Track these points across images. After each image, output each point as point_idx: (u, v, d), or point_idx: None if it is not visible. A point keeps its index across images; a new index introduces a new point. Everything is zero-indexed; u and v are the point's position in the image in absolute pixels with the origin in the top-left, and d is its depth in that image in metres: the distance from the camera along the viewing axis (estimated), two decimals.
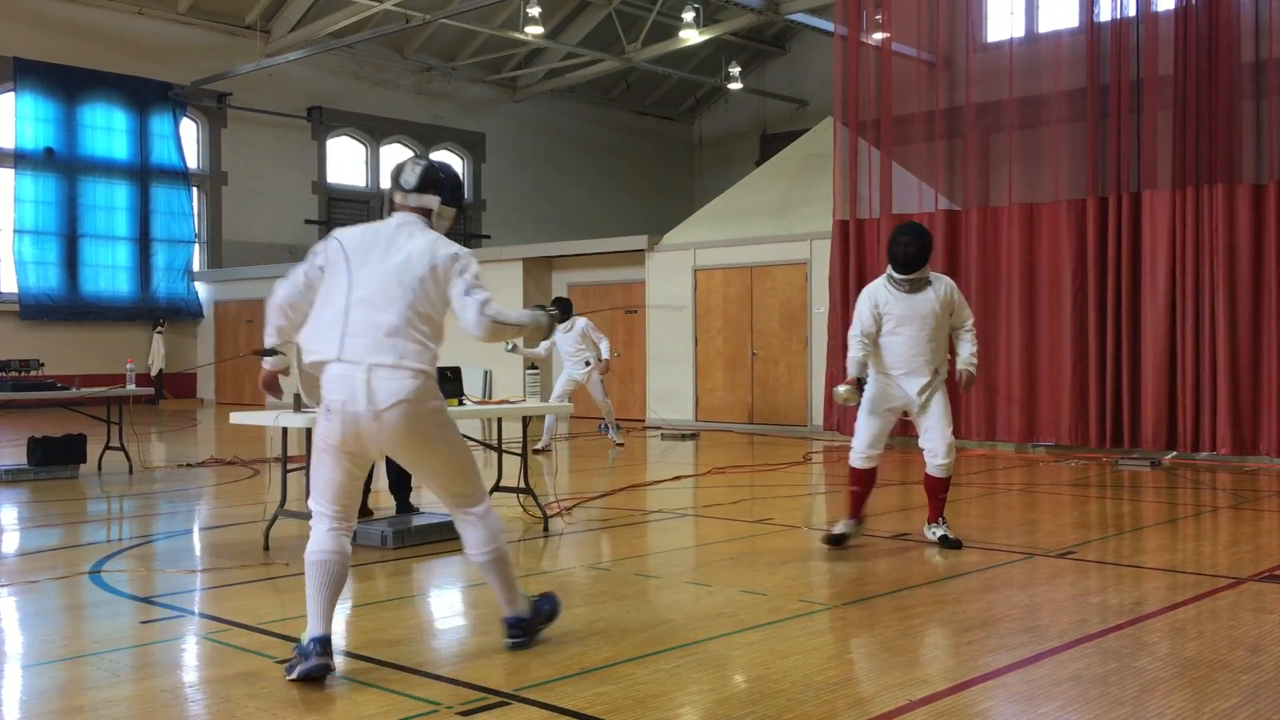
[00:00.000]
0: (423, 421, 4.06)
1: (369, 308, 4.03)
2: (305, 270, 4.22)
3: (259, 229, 24.76)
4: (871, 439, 6.61)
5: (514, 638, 4.40)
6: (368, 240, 4.18)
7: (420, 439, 4.10)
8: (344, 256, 4.14)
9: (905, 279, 6.51)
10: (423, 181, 4.30)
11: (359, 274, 4.09)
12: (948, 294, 6.58)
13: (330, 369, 4.04)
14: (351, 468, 4.13)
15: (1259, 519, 7.99)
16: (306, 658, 4.00)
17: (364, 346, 3.99)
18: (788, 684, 3.99)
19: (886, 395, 6.58)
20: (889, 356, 6.54)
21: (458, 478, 4.25)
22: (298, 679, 4.00)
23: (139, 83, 22.77)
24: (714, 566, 6.23)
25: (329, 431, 4.05)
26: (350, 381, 3.98)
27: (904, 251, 6.46)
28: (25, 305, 21.61)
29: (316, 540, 4.14)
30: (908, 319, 6.47)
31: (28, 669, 4.30)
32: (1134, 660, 4.29)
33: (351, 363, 3.99)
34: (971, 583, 5.75)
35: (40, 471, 10.16)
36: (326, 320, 4.07)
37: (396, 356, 3.99)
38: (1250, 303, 11.25)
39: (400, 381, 3.99)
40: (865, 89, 13.93)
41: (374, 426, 4.00)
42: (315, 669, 3.98)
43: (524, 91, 28.82)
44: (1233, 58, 11.46)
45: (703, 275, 16.83)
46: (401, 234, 4.20)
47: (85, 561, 6.29)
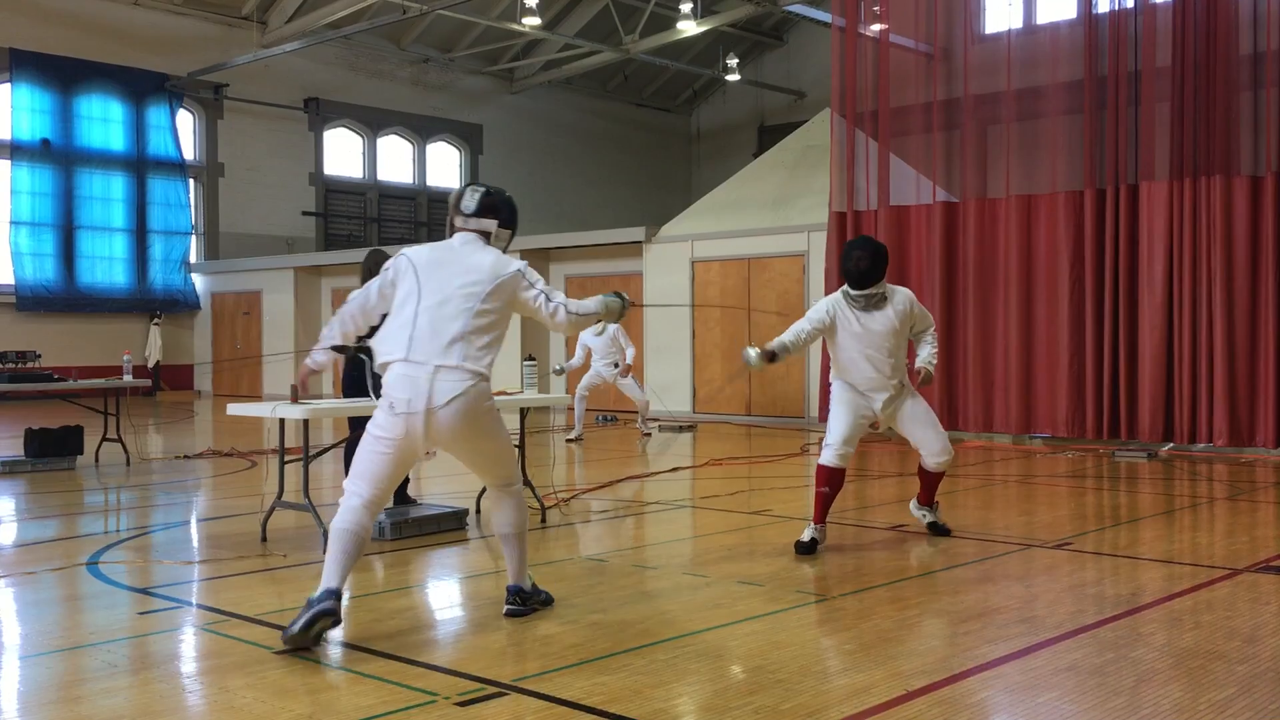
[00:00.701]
0: (478, 418, 4.49)
1: (436, 316, 4.47)
2: (379, 285, 4.66)
3: (256, 220, 24.72)
4: (846, 435, 6.32)
5: (511, 604, 4.79)
6: (435, 257, 4.62)
7: (475, 432, 4.52)
8: (414, 271, 4.57)
9: (860, 294, 6.31)
10: (481, 207, 4.71)
11: (427, 285, 4.53)
12: (906, 307, 6.40)
13: (395, 368, 4.45)
14: (401, 460, 4.53)
15: (1255, 510, 8.01)
16: (310, 606, 4.26)
17: (430, 350, 4.42)
18: (785, 674, 3.99)
19: (855, 400, 6.39)
20: (851, 374, 6.37)
21: (504, 465, 4.75)
22: (299, 632, 4.20)
23: (135, 74, 22.72)
24: (711, 558, 6.23)
25: (390, 426, 4.44)
26: (415, 381, 4.39)
27: (856, 266, 6.27)
28: (22, 297, 21.58)
29: (347, 513, 4.53)
30: (866, 338, 6.29)
31: (25, 660, 4.30)
32: (1130, 651, 4.30)
33: (418, 363, 4.41)
34: (968, 573, 5.76)
35: (37, 463, 10.15)
36: (397, 327, 4.51)
37: (459, 359, 4.43)
38: (1247, 294, 11.26)
39: (459, 382, 4.41)
40: (863, 80, 13.91)
41: (433, 421, 4.40)
42: (321, 611, 4.24)
43: (521, 83, 28.78)
44: (1230, 49, 11.45)
45: (700, 267, 16.83)
46: (466, 251, 4.64)
47: (83, 553, 6.29)
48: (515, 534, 4.82)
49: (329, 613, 4.28)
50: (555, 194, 29.24)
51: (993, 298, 12.71)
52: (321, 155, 25.89)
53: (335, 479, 8.82)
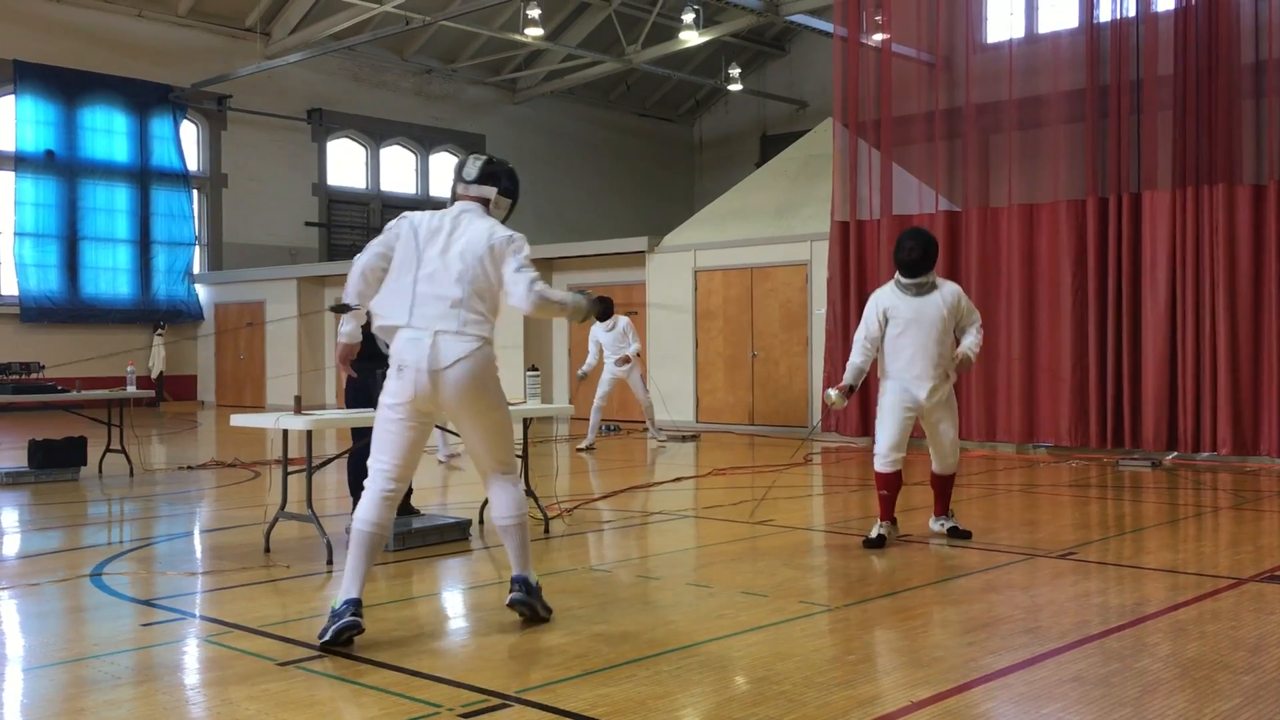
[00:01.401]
0: (483, 379, 4.57)
1: (434, 283, 4.55)
2: (383, 241, 4.71)
3: (259, 231, 24.76)
4: (894, 442, 6.67)
5: (515, 592, 4.80)
6: (434, 224, 4.68)
7: (480, 395, 4.58)
8: (414, 235, 4.65)
9: (911, 283, 6.64)
10: (482, 174, 4.81)
11: (426, 253, 4.60)
12: (954, 299, 6.70)
13: (401, 334, 4.55)
14: (418, 426, 4.60)
15: (1260, 519, 7.99)
16: (338, 618, 4.40)
17: (431, 315, 4.52)
18: (789, 685, 3.99)
19: (901, 398, 6.67)
20: (898, 360, 6.65)
21: (503, 444, 4.77)
22: (330, 640, 4.36)
23: (139, 85, 22.78)
24: (715, 568, 6.23)
25: (401, 389, 4.54)
26: (419, 345, 4.50)
27: (908, 255, 6.60)
28: (26, 308, 21.60)
29: (366, 508, 4.59)
30: (915, 322, 6.59)
31: (29, 672, 4.30)
32: (1135, 661, 4.29)
33: (419, 329, 4.51)
34: (973, 583, 5.75)
35: (41, 474, 10.16)
36: (397, 291, 4.59)
37: (459, 324, 4.52)
38: (1250, 303, 11.25)
39: (463, 344, 4.51)
40: (865, 90, 13.93)
41: (440, 381, 4.49)
42: (346, 626, 4.38)
43: (524, 93, 28.83)
44: (1232, 58, 11.46)
45: (703, 276, 16.83)
46: (463, 220, 4.70)
47: (86, 564, 6.29)
48: (517, 524, 4.80)
49: (353, 627, 4.42)
50: (558, 204, 29.26)
51: (995, 306, 12.70)
52: (324, 166, 25.94)
53: (338, 490, 8.82)
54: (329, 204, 26.07)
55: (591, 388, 14.71)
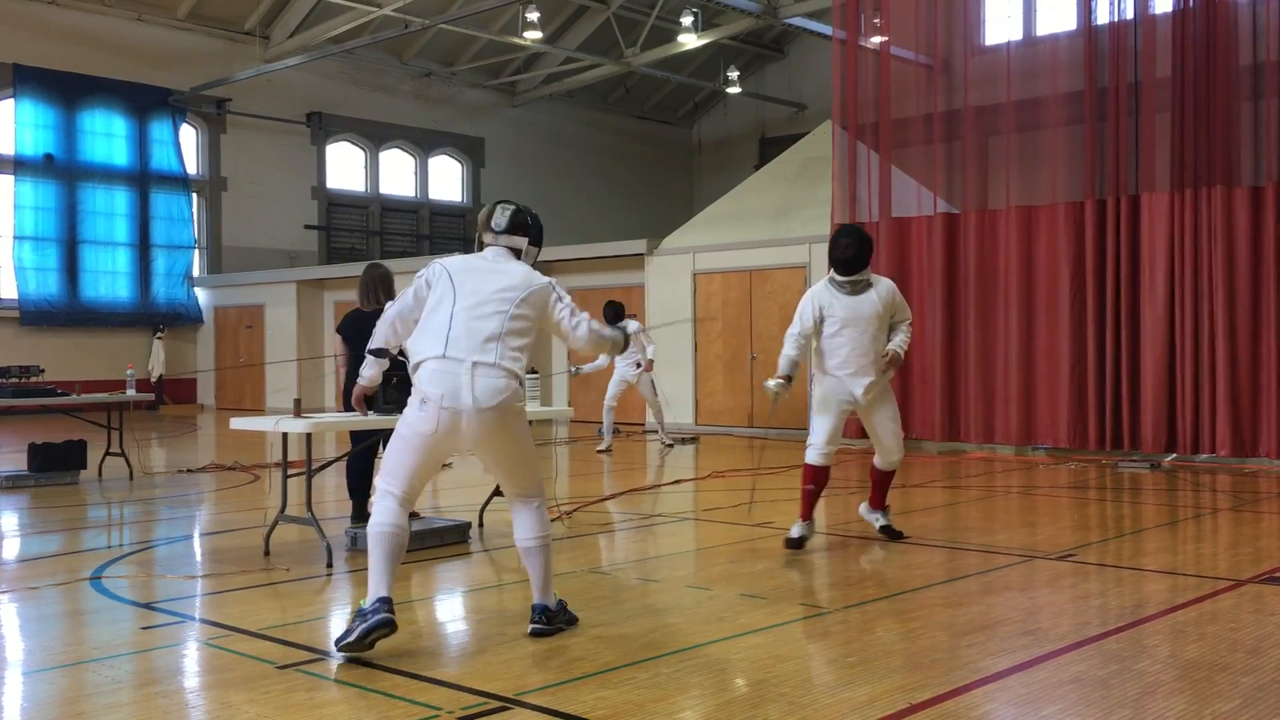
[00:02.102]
0: (514, 421, 4.57)
1: (472, 317, 4.54)
2: (415, 289, 4.72)
3: (259, 234, 24.77)
4: (829, 435, 6.66)
5: (537, 623, 4.71)
6: (469, 264, 4.73)
7: (508, 436, 4.58)
8: (448, 276, 4.65)
9: (846, 280, 6.61)
10: (512, 224, 4.82)
11: (463, 289, 4.60)
12: (889, 295, 6.68)
13: (430, 364, 4.49)
14: (434, 457, 4.59)
15: (1259, 521, 7.99)
16: (367, 616, 4.32)
17: (466, 347, 4.49)
18: (788, 687, 3.99)
19: (836, 393, 6.67)
20: (835, 357, 6.64)
21: (528, 473, 4.74)
22: (354, 641, 4.27)
23: (138, 89, 22.79)
24: (714, 570, 6.23)
25: (423, 421, 4.47)
26: (453, 377, 4.44)
27: (844, 253, 6.59)
28: (25, 311, 21.61)
29: (383, 514, 4.54)
30: (851, 320, 6.58)
31: (28, 675, 4.30)
32: (1135, 663, 4.29)
33: (455, 359, 4.46)
34: (971, 585, 5.75)
35: (41, 477, 10.16)
36: (434, 327, 4.57)
37: (496, 358, 4.49)
38: (1249, 304, 11.26)
39: (499, 380, 4.48)
40: (863, 92, 13.94)
41: (474, 422, 4.44)
42: (379, 623, 4.31)
43: (523, 96, 28.85)
44: (1230, 60, 11.47)
45: (702, 279, 16.84)
46: (499, 261, 4.75)
47: (86, 567, 6.29)
48: (539, 546, 4.74)
49: (386, 623, 4.35)
50: (557, 206, 29.22)
51: (994, 308, 12.71)
52: (324, 169, 25.94)
53: (338, 493, 8.82)
54: (328, 207, 26.08)
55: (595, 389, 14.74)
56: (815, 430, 6.71)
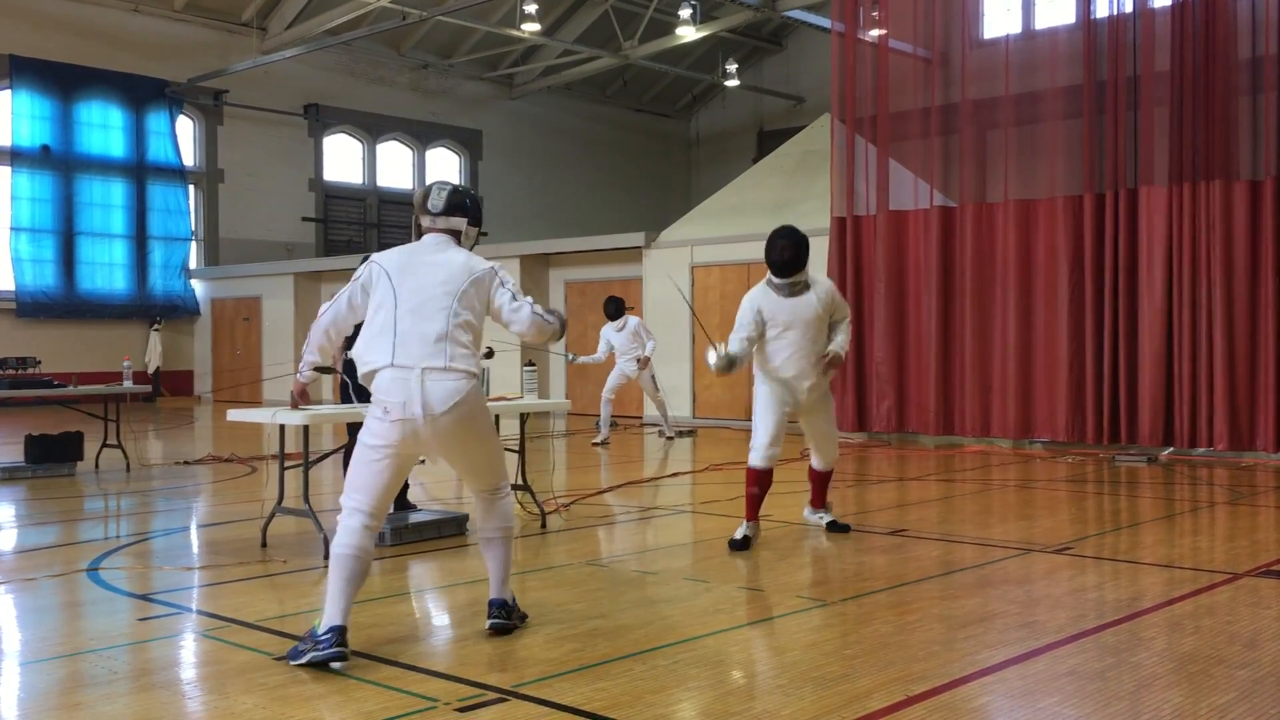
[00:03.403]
0: (474, 423, 4.41)
1: (416, 318, 4.34)
2: (348, 293, 4.54)
3: (256, 226, 24.74)
4: (772, 437, 6.59)
5: (496, 618, 4.60)
6: (404, 259, 4.49)
7: (471, 438, 4.44)
8: (386, 275, 4.45)
9: (784, 283, 6.60)
10: (449, 205, 4.59)
11: (402, 289, 4.40)
12: (827, 295, 6.70)
13: (384, 374, 4.32)
14: (400, 467, 4.38)
15: (1256, 514, 8.01)
16: (319, 646, 4.14)
17: (415, 353, 4.30)
18: (785, 680, 3.99)
19: (780, 395, 6.61)
20: (776, 359, 6.59)
21: (493, 469, 4.63)
22: (306, 664, 4.11)
23: (135, 80, 22.74)
24: (711, 563, 6.23)
25: (386, 433, 4.31)
26: (406, 385, 4.27)
27: (780, 255, 6.60)
28: (22, 303, 21.58)
29: (347, 534, 4.33)
30: (791, 323, 6.56)
31: (25, 666, 4.30)
32: (1131, 655, 4.30)
33: (405, 367, 4.29)
34: (968, 578, 5.76)
35: (38, 469, 10.15)
36: (376, 332, 4.39)
37: (446, 360, 4.31)
38: (1247, 298, 11.26)
39: (453, 383, 4.31)
40: (862, 85, 13.92)
41: (430, 429, 4.29)
42: (331, 657, 4.12)
43: (521, 88, 28.81)
44: (1229, 53, 11.46)
45: (700, 272, 16.83)
46: (438, 252, 4.51)
47: (83, 559, 6.29)
48: (503, 538, 4.65)
49: (337, 658, 4.14)
50: (554, 199, 29.25)
51: (991, 302, 12.70)
52: (321, 161, 25.91)
53: (335, 484, 8.82)
54: (326, 199, 26.05)
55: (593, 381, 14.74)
56: (757, 433, 6.62)
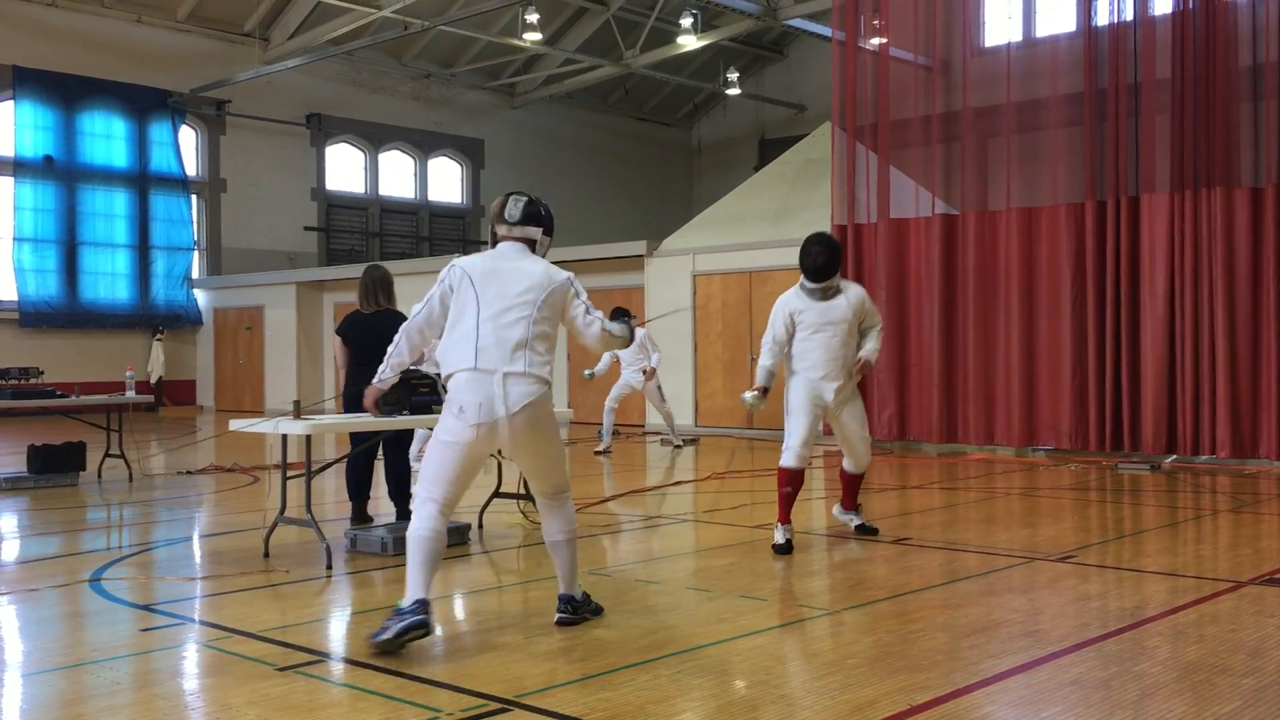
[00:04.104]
0: (544, 423, 4.70)
1: (497, 324, 4.62)
2: (437, 295, 4.78)
3: (258, 236, 24.77)
4: (804, 438, 6.77)
5: (564, 613, 4.91)
6: (489, 266, 4.76)
7: (539, 440, 4.71)
8: (470, 281, 4.70)
9: (817, 287, 6.78)
10: (525, 215, 4.86)
11: (485, 295, 4.67)
12: (859, 301, 6.87)
13: (462, 376, 4.61)
14: (472, 462, 4.68)
15: (1259, 522, 7.99)
16: (404, 616, 4.41)
17: (496, 357, 4.58)
18: (788, 689, 3.99)
19: (811, 397, 6.78)
20: (805, 360, 6.80)
21: (558, 471, 4.91)
22: (390, 639, 4.33)
23: (138, 90, 22.79)
24: (714, 572, 6.22)
25: (460, 431, 4.59)
26: (486, 386, 4.56)
27: (815, 261, 6.76)
28: (25, 313, 21.60)
29: (422, 520, 4.61)
30: (822, 326, 6.76)
31: (28, 677, 4.30)
32: (1135, 664, 4.29)
33: (486, 371, 4.57)
34: (971, 587, 5.75)
35: (40, 479, 10.15)
36: (460, 336, 4.66)
37: (525, 365, 4.61)
38: (1249, 305, 11.25)
39: (528, 387, 4.60)
40: (863, 94, 13.94)
41: (504, 429, 4.58)
42: (415, 624, 4.39)
43: (522, 98, 28.85)
44: (1230, 61, 11.47)
45: (702, 280, 16.84)
46: (517, 259, 4.80)
47: (85, 569, 6.29)
48: (567, 540, 4.94)
49: (421, 625, 4.42)
50: (556, 208, 28.24)
51: (994, 310, 12.70)
52: (323, 170, 25.94)
53: (338, 494, 8.82)
54: (328, 209, 26.08)
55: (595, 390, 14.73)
56: (791, 433, 6.81)
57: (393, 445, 7.61)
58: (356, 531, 6.90)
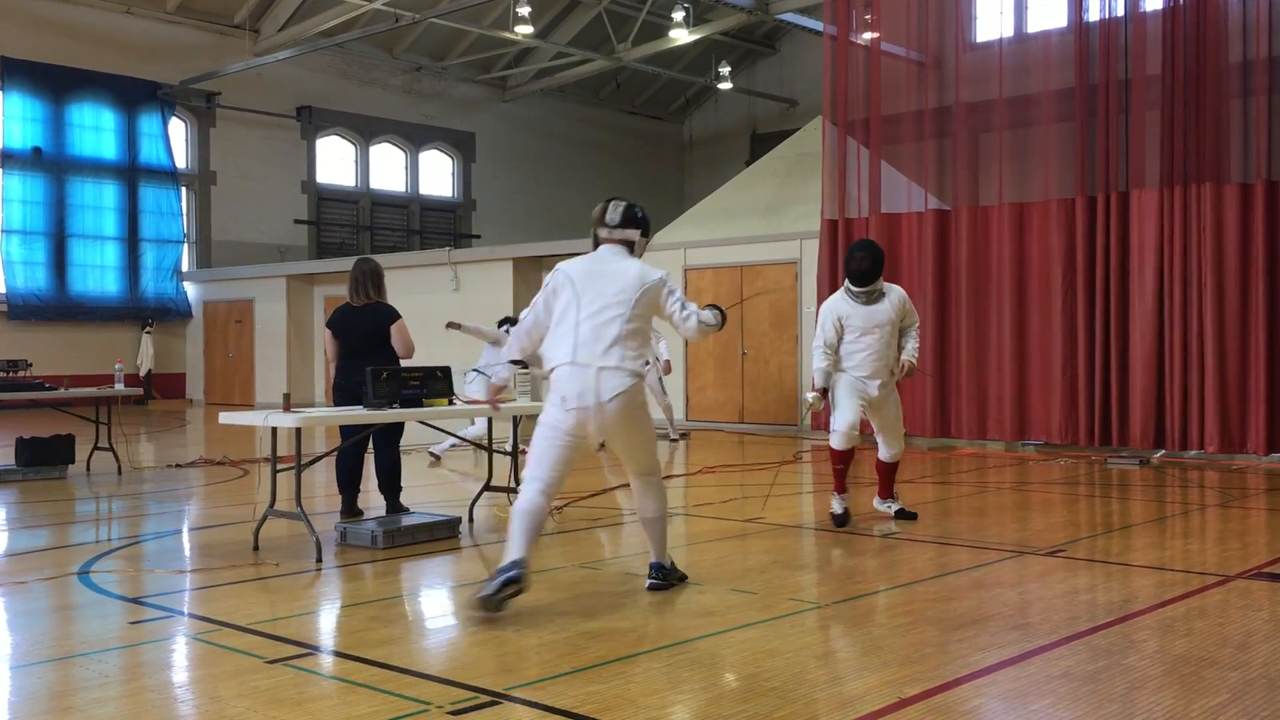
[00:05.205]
0: (635, 411, 5.15)
1: (595, 323, 5.10)
2: (542, 298, 5.26)
3: (248, 229, 24.71)
4: (852, 421, 7.30)
5: (653, 578, 5.47)
6: (588, 269, 5.25)
7: (633, 424, 5.18)
8: (571, 284, 5.19)
9: (862, 291, 7.21)
10: (625, 219, 5.32)
11: (584, 296, 5.15)
12: (900, 302, 7.31)
13: (563, 370, 5.10)
14: (572, 449, 5.16)
15: (1247, 517, 8.03)
16: (502, 573, 4.82)
17: (592, 353, 5.06)
18: (778, 682, 3.99)
19: (856, 389, 7.30)
20: (852, 360, 7.27)
21: (650, 454, 5.39)
22: (491, 594, 4.75)
23: (127, 82, 22.70)
24: (704, 565, 6.23)
25: (562, 419, 5.09)
26: (583, 379, 5.04)
27: (859, 265, 7.18)
28: (13, 305, 21.53)
29: (527, 497, 5.09)
30: (868, 329, 7.21)
31: (16, 670, 4.29)
32: (1123, 658, 4.30)
33: (583, 365, 5.05)
34: (961, 580, 5.76)
35: (28, 472, 10.12)
36: (561, 334, 5.15)
37: (618, 360, 5.06)
38: (1237, 301, 11.30)
39: (620, 379, 5.05)
40: (854, 88, 13.95)
41: (600, 416, 5.04)
42: (511, 579, 4.80)
43: (514, 91, 28.80)
44: (1220, 57, 11.50)
45: (693, 274, 16.84)
46: (615, 263, 5.26)
47: (74, 562, 6.27)
48: (657, 518, 5.44)
49: (517, 580, 4.82)
50: (547, 202, 29.25)
51: (985, 305, 12.73)
52: (314, 163, 25.88)
53: (328, 487, 8.80)
54: (318, 201, 26.02)
55: None
56: (839, 418, 7.31)
57: (383, 439, 7.60)
58: (346, 525, 6.89)
